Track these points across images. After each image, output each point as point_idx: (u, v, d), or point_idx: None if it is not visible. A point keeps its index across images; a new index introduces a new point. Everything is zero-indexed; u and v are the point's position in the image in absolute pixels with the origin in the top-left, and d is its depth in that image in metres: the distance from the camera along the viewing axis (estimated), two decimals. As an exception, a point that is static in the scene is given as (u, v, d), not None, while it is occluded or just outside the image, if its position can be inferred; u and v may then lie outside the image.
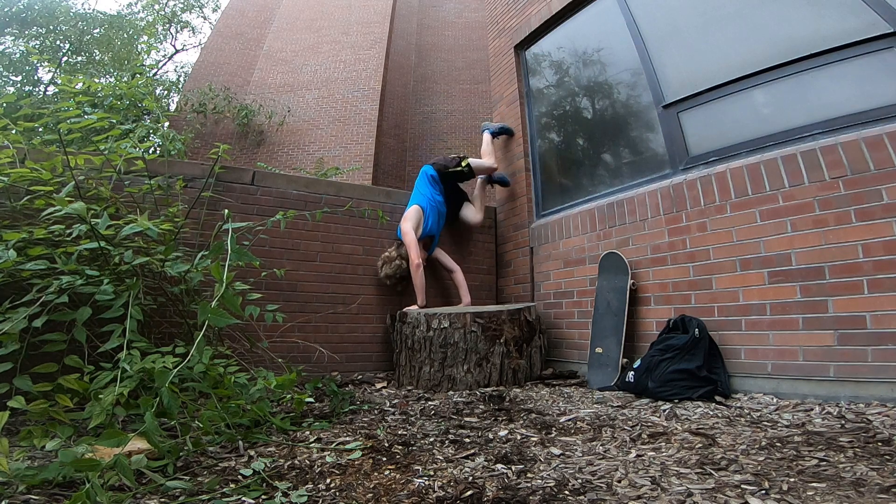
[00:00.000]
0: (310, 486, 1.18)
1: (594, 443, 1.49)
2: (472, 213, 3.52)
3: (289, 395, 2.03)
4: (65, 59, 13.97)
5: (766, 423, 1.61)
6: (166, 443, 1.32)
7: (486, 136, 3.72)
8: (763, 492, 1.03)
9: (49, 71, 13.55)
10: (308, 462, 1.35)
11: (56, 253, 1.71)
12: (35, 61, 12.44)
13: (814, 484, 1.06)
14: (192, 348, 1.32)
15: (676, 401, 1.97)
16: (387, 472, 1.27)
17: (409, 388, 2.59)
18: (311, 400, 2.14)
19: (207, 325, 1.35)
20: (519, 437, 1.57)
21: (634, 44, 2.90)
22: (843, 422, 1.53)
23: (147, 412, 1.16)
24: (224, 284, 1.38)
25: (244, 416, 1.64)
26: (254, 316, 2.06)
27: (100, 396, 1.41)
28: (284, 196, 2.97)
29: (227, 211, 1.89)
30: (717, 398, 1.96)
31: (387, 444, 1.51)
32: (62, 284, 1.56)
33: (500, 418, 1.86)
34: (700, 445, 1.39)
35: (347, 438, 1.58)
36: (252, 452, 1.43)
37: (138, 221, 1.76)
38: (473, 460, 1.35)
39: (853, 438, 1.35)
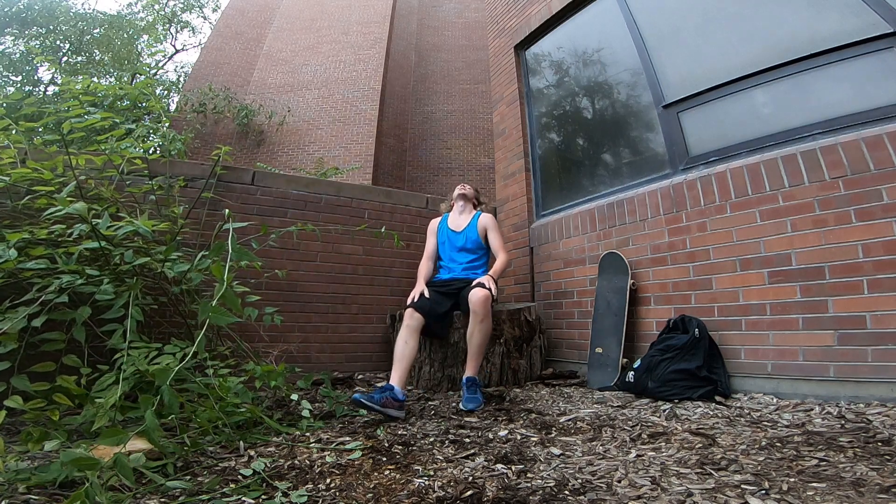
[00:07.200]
0: (310, 486, 1.18)
1: (594, 443, 1.49)
2: None
3: (296, 397, 2.05)
4: (65, 59, 13.96)
5: (766, 423, 1.61)
6: (166, 444, 1.32)
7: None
8: (763, 492, 1.03)
9: (49, 71, 13.56)
10: (308, 462, 1.35)
11: (57, 253, 1.71)
12: (35, 60, 12.43)
13: (814, 484, 1.06)
14: (191, 348, 1.32)
15: (676, 401, 1.97)
16: (387, 472, 1.27)
17: (409, 388, 2.59)
18: (295, 397, 2.14)
19: (207, 325, 1.35)
20: (519, 437, 1.57)
21: (634, 44, 2.90)
22: (843, 422, 1.53)
23: (147, 410, 1.16)
24: (225, 284, 1.38)
25: (241, 416, 1.64)
26: (252, 317, 2.06)
27: (97, 400, 1.41)
28: (284, 196, 2.96)
29: (227, 211, 1.89)
30: (717, 398, 1.96)
31: (387, 444, 1.51)
32: (62, 283, 1.56)
33: (500, 418, 1.86)
34: (700, 445, 1.39)
35: (347, 438, 1.59)
36: (252, 452, 1.43)
37: (131, 221, 1.75)
38: (473, 460, 1.35)
39: (853, 438, 1.35)
